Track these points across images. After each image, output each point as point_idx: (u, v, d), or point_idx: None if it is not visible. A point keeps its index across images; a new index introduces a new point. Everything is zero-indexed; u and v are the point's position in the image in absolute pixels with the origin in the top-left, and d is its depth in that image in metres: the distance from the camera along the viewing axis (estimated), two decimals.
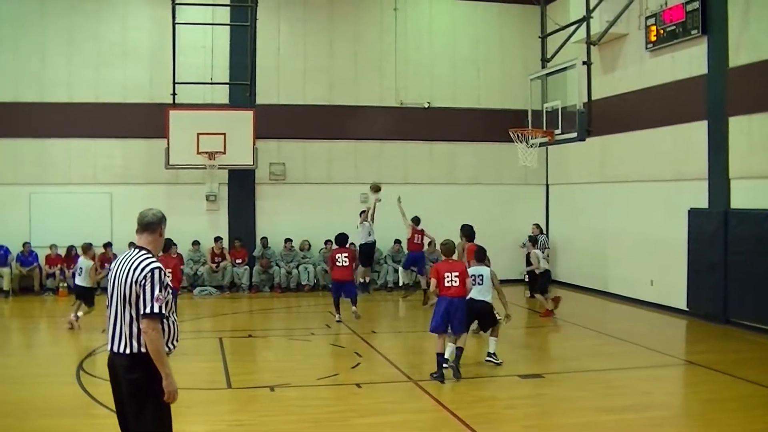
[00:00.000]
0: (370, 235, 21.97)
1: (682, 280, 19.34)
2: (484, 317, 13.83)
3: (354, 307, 18.63)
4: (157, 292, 6.40)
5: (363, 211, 22.21)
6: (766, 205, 16.85)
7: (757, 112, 17.07)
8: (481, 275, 13.67)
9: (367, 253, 22.32)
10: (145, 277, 6.42)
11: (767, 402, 11.58)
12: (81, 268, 17.58)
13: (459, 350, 12.99)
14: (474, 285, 13.45)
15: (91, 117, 23.84)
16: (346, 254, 18.80)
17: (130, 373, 6.46)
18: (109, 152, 24.12)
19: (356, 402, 11.63)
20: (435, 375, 12.74)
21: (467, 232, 16.63)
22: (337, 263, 18.67)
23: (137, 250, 6.68)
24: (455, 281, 12.83)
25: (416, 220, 21.99)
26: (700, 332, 17.81)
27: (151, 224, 6.81)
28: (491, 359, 13.78)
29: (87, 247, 17.96)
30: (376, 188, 21.25)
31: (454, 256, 13.71)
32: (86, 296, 17.45)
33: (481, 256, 14.14)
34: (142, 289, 6.40)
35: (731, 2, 17.84)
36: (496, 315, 13.89)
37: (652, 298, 20.84)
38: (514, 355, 14.32)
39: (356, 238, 22.28)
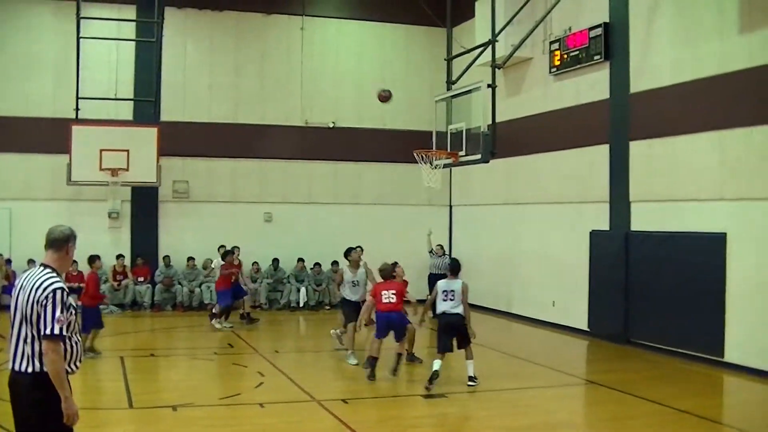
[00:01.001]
0: None
1: (584, 301, 19.67)
2: (461, 333, 13.92)
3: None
4: (58, 313, 6.21)
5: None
6: (664, 227, 17.24)
7: (657, 137, 17.47)
8: (453, 290, 13.85)
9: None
10: (47, 297, 6.24)
11: (669, 420, 11.78)
12: None
13: (399, 356, 14.37)
14: (446, 300, 13.82)
15: None
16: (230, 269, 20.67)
17: (32, 392, 6.27)
18: (9, 167, 23.51)
19: (259, 421, 11.53)
20: (367, 374, 14.08)
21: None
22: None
23: (41, 269, 6.48)
24: (392, 298, 14.33)
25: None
26: (601, 352, 18.11)
27: (57, 241, 6.57)
28: (472, 383, 13.78)
29: None
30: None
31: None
32: None
33: (455, 269, 14.37)
34: (43, 309, 6.21)
35: (633, 30, 18.25)
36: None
37: (554, 319, 21.10)
38: (416, 376, 14.35)
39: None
